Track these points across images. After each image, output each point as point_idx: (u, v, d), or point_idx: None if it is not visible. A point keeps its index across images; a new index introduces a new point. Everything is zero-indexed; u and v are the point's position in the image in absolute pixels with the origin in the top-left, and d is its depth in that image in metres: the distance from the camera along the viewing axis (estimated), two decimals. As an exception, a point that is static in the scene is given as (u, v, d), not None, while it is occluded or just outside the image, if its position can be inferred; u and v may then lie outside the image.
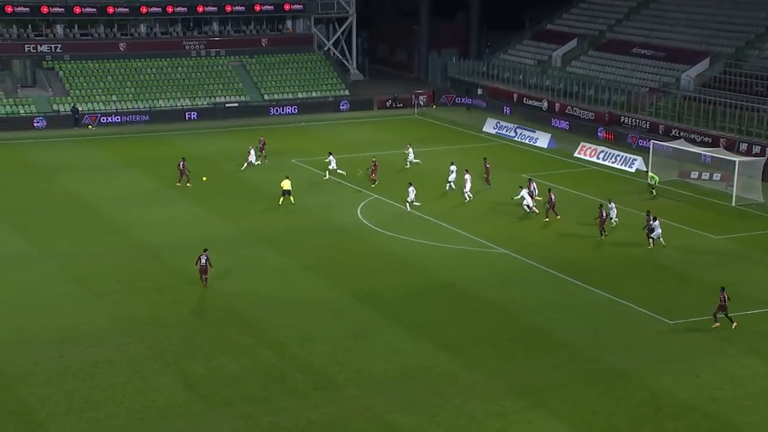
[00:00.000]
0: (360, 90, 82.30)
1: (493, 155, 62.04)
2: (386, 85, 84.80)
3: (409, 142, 60.27)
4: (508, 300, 37.26)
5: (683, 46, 71.21)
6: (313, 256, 42.20)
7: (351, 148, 64.10)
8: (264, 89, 78.76)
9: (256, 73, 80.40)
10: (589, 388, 30.03)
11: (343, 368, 31.28)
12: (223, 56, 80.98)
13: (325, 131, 70.42)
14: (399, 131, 70.42)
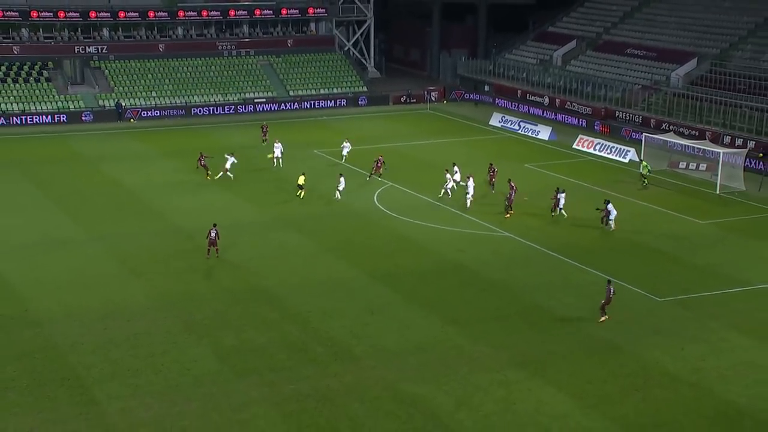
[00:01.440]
0: (377, 87, 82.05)
1: (499, 147, 61.85)
2: (401, 83, 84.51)
3: (347, 137, 57.92)
4: (511, 279, 37.14)
5: (673, 47, 70.55)
6: (333, 239, 42.17)
7: (368, 139, 63.91)
8: (289, 86, 78.62)
9: (282, 71, 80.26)
10: (584, 360, 29.92)
11: (360, 341, 31.28)
12: (253, 56, 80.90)
13: (345, 124, 70.26)
14: (413, 124, 70.22)
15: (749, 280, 36.79)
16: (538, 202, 47.27)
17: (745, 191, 50.03)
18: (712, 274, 37.67)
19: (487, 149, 60.83)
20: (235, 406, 27.12)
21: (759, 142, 55.70)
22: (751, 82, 61.62)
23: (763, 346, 30.74)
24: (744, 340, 31.20)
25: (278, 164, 54.85)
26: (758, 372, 28.96)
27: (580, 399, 27.39)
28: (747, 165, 52.41)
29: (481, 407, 27.05)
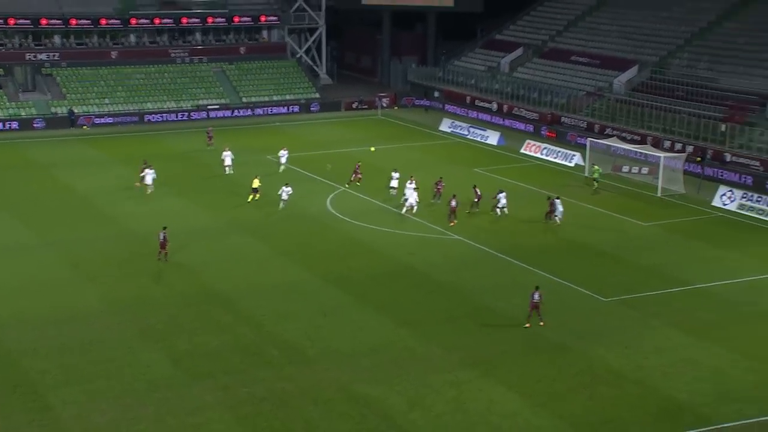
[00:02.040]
0: (329, 93, 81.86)
1: (449, 152, 62.14)
2: (353, 89, 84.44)
3: (284, 146, 56.08)
4: (461, 281, 37.31)
5: (615, 55, 71.58)
6: (286, 243, 41.97)
7: (321, 145, 63.84)
8: (242, 93, 78.05)
9: (235, 78, 79.66)
10: (533, 359, 30.16)
11: (313, 343, 31.16)
12: (205, 63, 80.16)
13: (297, 130, 70.03)
14: (364, 130, 70.22)
15: (689, 280, 37.44)
16: (486, 206, 47.54)
17: (685, 194, 50.92)
18: (654, 274, 38.26)
19: (437, 154, 61.07)
20: (190, 410, 26.80)
21: (697, 147, 56.76)
22: (688, 89, 62.78)
23: (702, 343, 31.30)
24: (684, 338, 31.74)
25: (229, 171, 54.17)
26: (698, 369, 29.47)
27: (529, 398, 27.59)
28: (686, 169, 53.35)
29: (433, 407, 27.10)
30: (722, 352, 30.57)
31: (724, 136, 56.84)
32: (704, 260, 40.16)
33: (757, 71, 61.44)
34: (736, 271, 38.55)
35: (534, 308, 32.47)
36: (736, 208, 47.67)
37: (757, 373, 29.03)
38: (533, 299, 32.38)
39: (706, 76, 63.35)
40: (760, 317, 33.71)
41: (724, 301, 35.26)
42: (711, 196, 49.43)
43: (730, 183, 51.87)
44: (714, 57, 65.18)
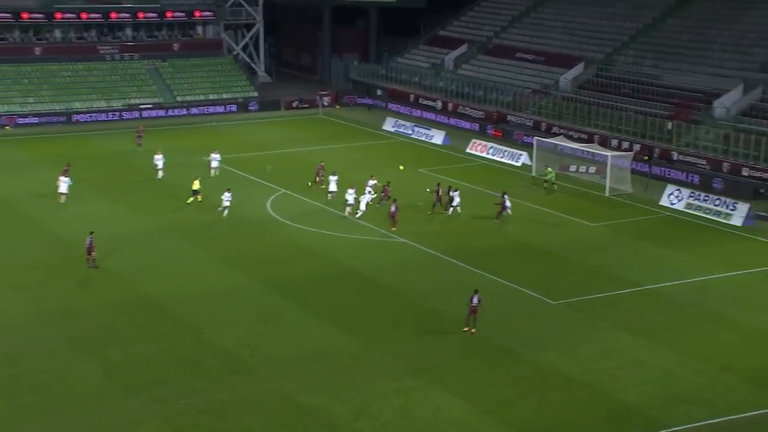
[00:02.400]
0: (268, 91, 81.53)
1: (393, 151, 62.36)
2: (292, 87, 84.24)
3: (216, 148, 55.64)
4: (406, 285, 37.48)
5: (561, 52, 72.66)
6: (224, 248, 41.69)
7: (260, 146, 63.56)
8: (177, 91, 77.26)
9: (169, 75, 78.81)
10: (481, 364, 30.44)
11: (254, 352, 31.01)
12: (137, 60, 79.16)
13: (235, 130, 69.58)
14: (305, 130, 70.09)
15: (637, 280, 38.20)
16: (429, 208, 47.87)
17: (632, 193, 51.93)
18: (602, 275, 38.95)
19: (380, 154, 61.25)
20: (125, 425, 26.45)
21: (644, 146, 57.93)
22: (634, 87, 64.04)
23: (650, 345, 31.95)
24: (633, 340, 32.36)
25: (161, 175, 53.41)
26: (646, 371, 30.08)
27: (477, 404, 27.85)
28: (633, 168, 54.41)
29: (379, 416, 27.18)
30: (670, 353, 31.25)
31: (670, 135, 58.14)
32: (652, 261, 41.01)
33: (701, 68, 62.97)
34: (683, 271, 39.45)
35: (473, 312, 32.64)
36: (683, 208, 48.78)
37: (705, 374, 29.76)
38: (472, 303, 32.58)
39: (651, 74, 64.71)
40: (707, 318, 34.56)
41: (672, 302, 36.06)
42: (659, 195, 50.50)
43: (677, 182, 53.06)
44: (659, 54, 66.62)
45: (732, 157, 54.52)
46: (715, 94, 59.54)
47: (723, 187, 52.00)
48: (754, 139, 53.97)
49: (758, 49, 62.06)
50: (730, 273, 39.31)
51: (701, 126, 57.65)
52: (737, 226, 45.87)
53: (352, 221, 45.76)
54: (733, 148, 54.82)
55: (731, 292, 37.11)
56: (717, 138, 56.23)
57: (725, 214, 46.91)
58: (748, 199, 48.94)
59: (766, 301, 36.17)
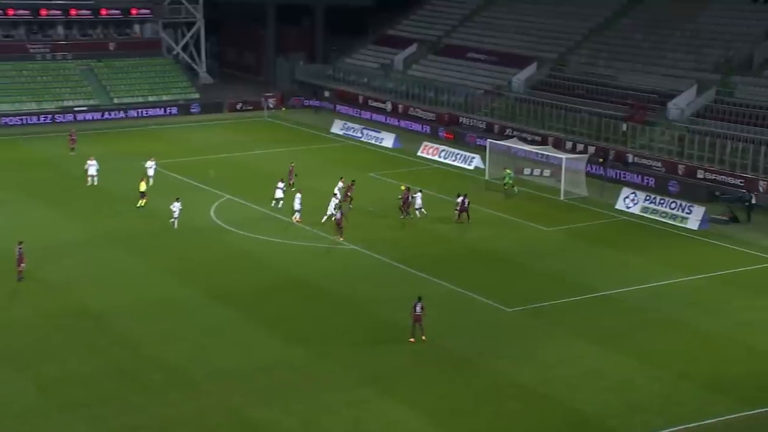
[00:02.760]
0: (210, 93, 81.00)
1: (342, 155, 62.35)
2: (236, 89, 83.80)
3: (152, 156, 54.53)
4: (357, 294, 37.47)
5: (513, 51, 73.35)
6: (165, 257, 41.29)
7: (203, 150, 63.06)
8: (114, 93, 76.33)
9: (105, 76, 77.86)
10: (435, 375, 30.53)
11: (199, 365, 30.72)
12: (70, 60, 78.05)
13: (176, 134, 68.96)
14: (250, 133, 69.74)
15: (594, 286, 38.67)
16: (384, 213, 47.94)
17: (588, 197, 52.58)
18: (558, 281, 39.35)
19: (329, 158, 61.19)
20: (61, 444, 26.00)
21: (599, 148, 58.74)
22: (588, 87, 64.93)
23: (607, 353, 32.35)
24: (590, 348, 32.73)
25: (93, 182, 52.62)
26: (604, 379, 30.43)
27: (432, 416, 27.92)
28: (588, 170, 55.11)
29: (330, 429, 27.10)
30: (628, 360, 31.67)
31: (625, 137, 59.05)
32: (609, 266, 41.56)
33: (654, 68, 64.09)
34: (640, 276, 40.03)
35: (416, 321, 32.68)
36: (639, 211, 49.54)
37: (663, 382, 30.20)
38: (415, 311, 32.62)
39: (605, 74, 65.68)
40: (664, 324, 35.10)
41: (629, 308, 36.57)
42: (614, 198, 51.22)
43: (633, 185, 53.84)
44: (612, 54, 67.65)
45: (687, 159, 55.57)
46: (669, 95, 60.64)
47: (678, 190, 52.95)
48: (708, 140, 55.07)
49: (711, 50, 63.38)
50: (686, 278, 40.00)
51: (656, 127, 58.67)
52: (693, 229, 46.71)
53: (301, 228, 45.62)
54: (688, 150, 55.87)
55: (688, 297, 37.76)
56: (672, 140, 57.26)
57: (681, 218, 47.75)
58: (703, 202, 49.87)
59: (722, 306, 36.87)
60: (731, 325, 34.82)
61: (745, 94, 57.82)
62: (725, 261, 42.37)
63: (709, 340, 33.55)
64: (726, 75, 60.36)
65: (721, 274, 40.53)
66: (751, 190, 50.36)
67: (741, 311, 36.27)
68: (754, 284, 39.36)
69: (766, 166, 52.02)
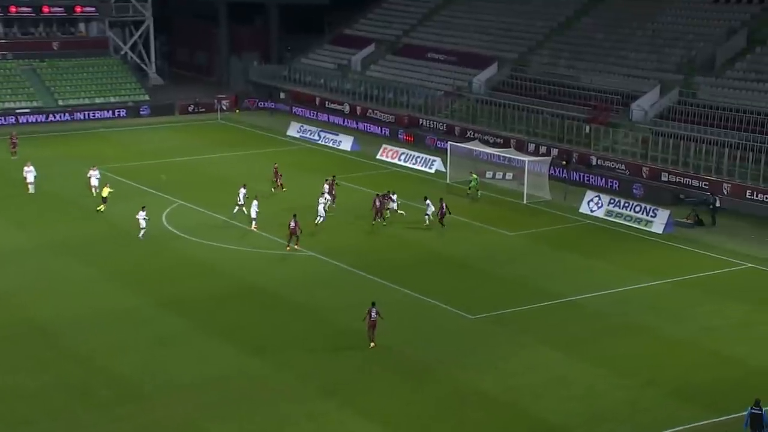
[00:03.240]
0: (160, 95, 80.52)
1: (298, 159, 62.29)
2: (188, 90, 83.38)
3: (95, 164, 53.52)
4: (316, 302, 37.46)
5: (473, 51, 73.84)
6: (116, 265, 40.97)
7: (154, 154, 62.64)
8: (58, 94, 75.51)
9: (49, 77, 77.03)
10: (396, 385, 30.61)
11: (152, 378, 30.52)
12: (11, 60, 77.11)
13: (125, 137, 68.40)
14: (202, 136, 69.39)
15: (559, 292, 39.05)
16: (339, 218, 47.99)
17: (551, 200, 53.07)
18: (522, 287, 39.67)
19: (285, 162, 61.04)
20: (7, 463, 25.71)
21: (562, 150, 59.35)
22: (550, 88, 65.58)
23: (573, 360, 32.67)
24: (555, 355, 33.04)
25: (31, 189, 51.88)
26: (570, 387, 30.73)
27: (393, 427, 27.99)
28: (551, 173, 55.63)
29: (289, 443, 27.11)
30: (593, 368, 32.01)
31: (588, 138, 59.73)
32: (573, 271, 41.99)
33: (616, 68, 64.91)
34: (605, 281, 40.50)
35: (372, 327, 32.85)
36: (603, 215, 50.12)
37: (629, 389, 30.57)
38: (370, 317, 32.76)
39: (567, 74, 66.37)
40: (630, 329, 35.54)
41: (594, 314, 36.99)
42: (578, 202, 51.76)
43: (596, 188, 54.46)
44: (574, 54, 68.41)
45: (651, 161, 56.35)
46: (632, 96, 61.46)
47: (643, 193, 53.67)
48: (672, 142, 55.91)
49: (673, 49, 64.36)
50: (651, 282, 40.54)
51: (619, 129, 59.41)
52: (658, 233, 47.36)
53: (258, 234, 45.52)
54: (652, 152, 56.66)
55: (653, 302, 38.28)
56: (636, 142, 58.03)
57: (646, 222, 48.40)
58: (668, 205, 50.56)
59: (688, 311, 37.40)
60: (697, 331, 35.37)
61: (708, 95, 58.80)
62: (690, 265, 43.03)
63: (675, 346, 34.04)
64: (688, 75, 61.35)
65: (686, 279, 41.14)
66: (715, 192, 51.19)
67: (706, 316, 36.87)
68: (720, 288, 40.00)
69: (730, 169, 52.94)
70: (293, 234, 42.97)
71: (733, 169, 52.75)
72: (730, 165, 53.02)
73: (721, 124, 55.96)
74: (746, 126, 54.78)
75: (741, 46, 61.96)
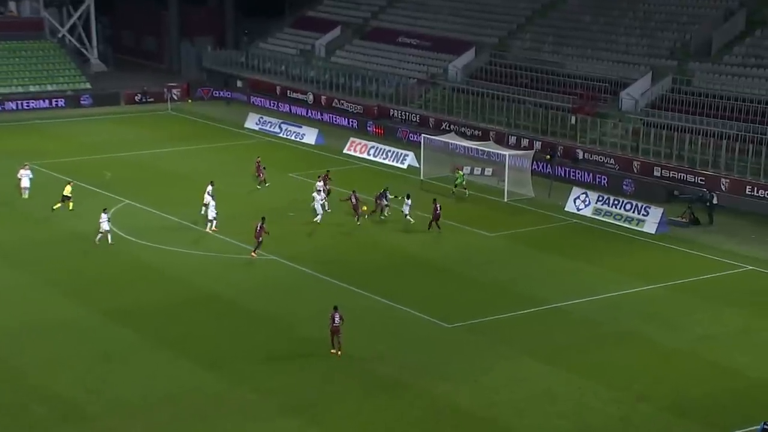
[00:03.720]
0: (104, 83, 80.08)
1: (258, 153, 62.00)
2: (134, 78, 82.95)
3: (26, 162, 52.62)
4: (277, 310, 37.34)
5: (448, 36, 73.97)
6: (54, 271, 40.71)
7: (97, 148, 62.22)
8: (-13, 81, 74.90)
9: (-23, 62, 76.36)
10: (366, 401, 30.55)
11: (95, 396, 30.27)
12: (-68, 43, 76.30)
13: (65, 129, 67.85)
14: (151, 128, 69.04)
15: (545, 298, 39.16)
16: (305, 219, 47.86)
17: (534, 198, 53.24)
18: (504, 293, 39.75)
19: (242, 156, 60.87)
20: (-67, 492, 25.33)
21: (545, 143, 59.55)
22: (532, 75, 65.81)
23: (560, 372, 32.75)
24: (540, 367, 33.11)
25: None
26: (556, 402, 30.77)
27: (364, 447, 27.99)
28: (534, 169, 55.81)
29: (248, 466, 26.98)
30: (582, 381, 32.10)
31: (574, 130, 60.00)
32: (559, 275, 42.13)
33: (605, 54, 65.27)
34: (593, 286, 40.68)
35: (336, 333, 33.07)
36: (591, 214, 50.35)
37: (620, 404, 30.66)
38: (334, 322, 33.02)
39: (551, 61, 66.64)
40: (621, 339, 35.70)
41: (582, 322, 37.12)
42: (563, 199, 51.96)
43: (583, 184, 54.71)
44: (559, 38, 68.71)
45: (642, 155, 56.70)
46: (621, 84, 61.81)
47: (634, 189, 53.98)
48: (665, 134, 56.26)
49: (666, 33, 64.82)
50: (644, 287, 40.77)
51: (608, 120, 59.72)
52: (650, 233, 47.63)
53: (213, 237, 45.30)
54: (644, 145, 57.02)
55: (647, 308, 38.48)
56: (626, 134, 58.37)
57: (637, 221, 48.67)
58: (661, 202, 50.93)
59: (683, 319, 37.62)
60: (694, 340, 35.58)
61: (704, 83, 59.26)
62: (686, 268, 43.31)
63: (670, 357, 34.22)
64: (683, 61, 61.80)
65: (681, 283, 41.41)
66: (712, 188, 51.59)
67: (704, 324, 37.11)
68: (718, 293, 40.29)
69: (728, 163, 53.36)
70: (257, 238, 42.60)
71: (732, 162, 53.18)
72: (729, 158, 53.45)
73: (719, 113, 56.41)
74: (745, 116, 55.25)
75: (739, 28, 62.49)
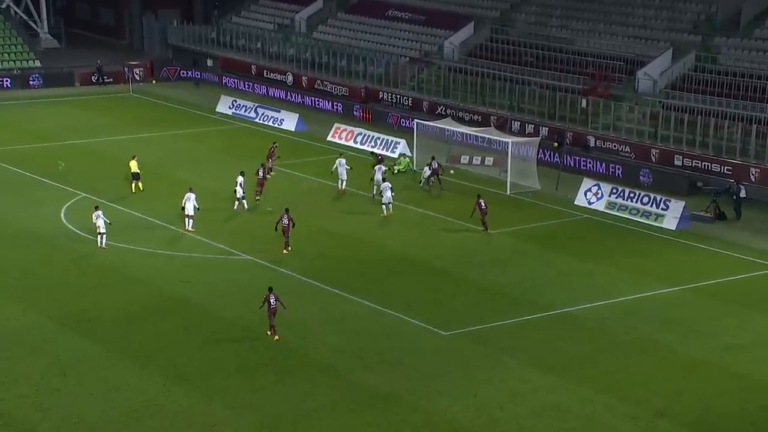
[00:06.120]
0: (55, 61, 79.96)
1: (230, 140, 62.11)
2: (90, 55, 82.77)
3: None
4: (253, 317, 37.33)
5: (444, 9, 74.09)
6: (2, 274, 40.62)
7: (48, 135, 62.13)
8: None
9: None
10: (352, 417, 30.67)
11: (47, 414, 30.32)
12: None
13: (11, 114, 67.77)
14: (110, 113, 68.96)
15: (551, 302, 39.34)
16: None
17: (540, 191, 53.40)
18: (507, 297, 39.90)
19: (214, 144, 60.92)
20: None
21: (552, 128, 59.73)
22: (538, 53, 66.00)
23: (569, 385, 32.93)
24: (547, 379, 33.29)
25: None
26: (564, 418, 30.93)
27: (351, 469, 28.14)
28: (540, 158, 55.98)
29: (222, 491, 27.10)
30: (594, 394, 32.29)
31: (585, 115, 60.18)
32: (568, 277, 42.31)
33: (620, 29, 65.50)
34: (607, 289, 40.85)
35: (273, 315, 34.93)
36: (604, 208, 50.54)
37: (637, 420, 30.83)
38: (271, 305, 34.92)
39: (559, 37, 66.80)
40: (638, 347, 35.88)
41: (595, 329, 37.29)
42: (573, 192, 52.15)
43: (595, 175, 54.88)
44: (568, 12, 68.94)
45: (662, 142, 56.90)
46: (639, 62, 62.00)
47: (652, 181, 54.20)
48: (688, 118, 56.45)
49: (689, 4, 65.05)
50: (664, 290, 40.96)
51: (623, 103, 59.91)
52: (670, 229, 47.85)
53: (184, 235, 45.37)
54: (663, 131, 57.21)
55: (666, 314, 38.67)
56: (642, 118, 58.55)
57: (656, 215, 48.88)
58: (682, 195, 51.10)
59: (708, 325, 37.81)
60: (719, 349, 35.78)
61: (732, 60, 59.45)
62: (710, 268, 43.53)
63: (693, 368, 34.41)
64: (707, 36, 61.99)
65: (705, 285, 41.62)
66: (740, 179, 51.76)
67: (731, 331, 37.31)
68: (746, 297, 40.51)
69: (758, 150, 53.55)
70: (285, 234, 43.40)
71: (762, 150, 53.39)
72: (759, 145, 53.65)
73: (748, 95, 56.61)
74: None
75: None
